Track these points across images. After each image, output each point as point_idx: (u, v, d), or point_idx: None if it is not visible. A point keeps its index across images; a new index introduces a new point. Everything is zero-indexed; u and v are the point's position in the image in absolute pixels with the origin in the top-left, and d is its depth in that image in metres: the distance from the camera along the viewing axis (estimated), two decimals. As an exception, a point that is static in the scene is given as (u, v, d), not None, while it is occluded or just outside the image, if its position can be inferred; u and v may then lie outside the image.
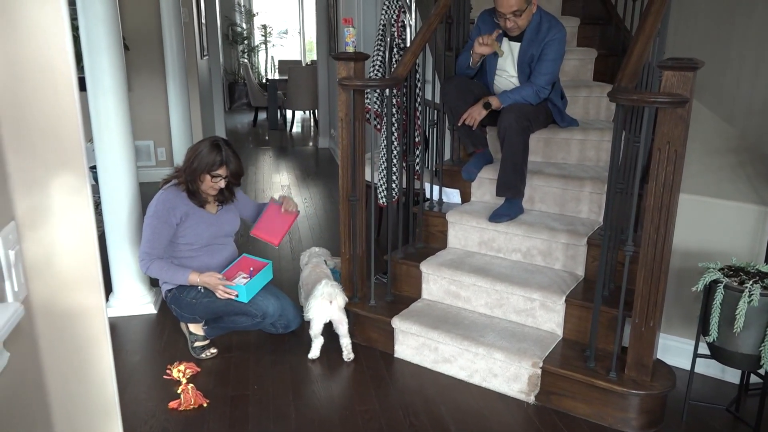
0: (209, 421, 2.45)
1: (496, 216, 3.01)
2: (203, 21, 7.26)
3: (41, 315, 1.17)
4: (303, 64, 11.24)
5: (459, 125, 3.09)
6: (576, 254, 2.86)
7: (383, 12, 3.62)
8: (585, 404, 2.47)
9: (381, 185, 3.64)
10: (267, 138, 8.95)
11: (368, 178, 3.10)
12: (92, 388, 1.28)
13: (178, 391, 2.56)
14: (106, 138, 3.08)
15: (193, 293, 2.81)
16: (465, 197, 3.36)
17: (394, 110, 3.15)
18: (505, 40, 3.09)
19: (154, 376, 2.75)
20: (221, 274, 2.77)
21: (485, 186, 3.28)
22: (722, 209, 2.61)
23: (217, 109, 7.85)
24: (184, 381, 2.62)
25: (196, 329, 2.94)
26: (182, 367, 2.69)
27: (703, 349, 2.42)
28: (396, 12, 3.58)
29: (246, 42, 12.06)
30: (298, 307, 3.02)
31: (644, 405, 2.38)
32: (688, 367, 2.51)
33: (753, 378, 2.58)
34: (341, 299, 2.82)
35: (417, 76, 3.20)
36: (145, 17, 5.58)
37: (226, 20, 11.03)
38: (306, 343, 2.92)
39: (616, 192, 2.39)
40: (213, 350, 2.93)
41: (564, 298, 2.67)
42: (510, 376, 2.61)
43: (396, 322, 2.88)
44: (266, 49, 12.31)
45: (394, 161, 3.21)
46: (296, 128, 9.85)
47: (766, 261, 2.45)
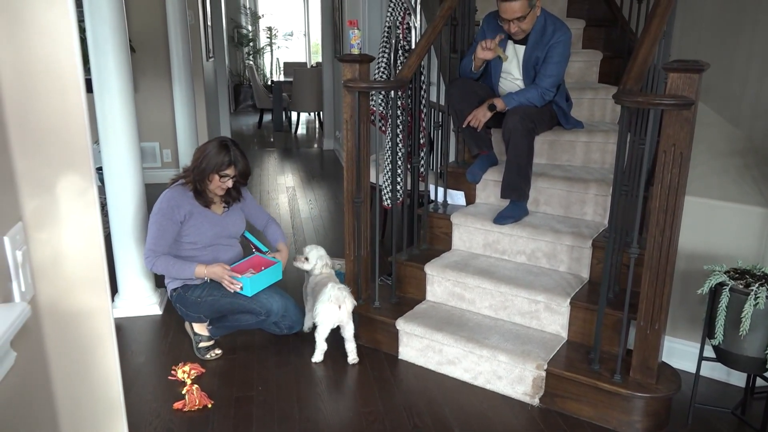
0: (213, 422, 2.45)
1: (501, 218, 3.00)
2: (209, 23, 7.28)
3: (48, 315, 1.17)
4: (308, 66, 11.27)
5: (464, 127, 3.09)
6: (581, 256, 2.85)
7: (388, 14, 3.62)
8: (589, 407, 2.46)
9: (386, 187, 3.64)
10: (272, 140, 8.96)
11: (373, 180, 3.10)
12: (97, 388, 1.28)
13: (183, 392, 2.57)
14: (112, 139, 3.10)
15: (198, 292, 2.82)
16: (470, 199, 3.36)
17: (399, 112, 3.15)
18: (510, 43, 3.09)
19: (159, 377, 2.76)
20: (229, 267, 2.78)
21: (490, 188, 3.28)
22: (728, 212, 2.60)
23: (223, 111, 7.87)
24: (189, 382, 2.62)
25: (201, 329, 2.95)
26: (187, 368, 2.69)
27: (709, 352, 2.41)
28: (401, 14, 3.58)
29: (251, 44, 12.09)
30: (302, 310, 3.02)
31: (649, 408, 2.37)
32: (694, 370, 2.50)
33: (759, 381, 2.57)
34: (350, 303, 2.80)
35: (422, 78, 3.20)
36: (151, 19, 5.61)
37: (232, 22, 11.06)
38: (310, 344, 2.92)
39: (621, 194, 2.39)
40: (218, 351, 2.93)
41: (569, 301, 2.67)
42: (514, 378, 2.61)
43: (400, 324, 2.88)
44: (271, 51, 12.34)
45: (399, 163, 3.21)
46: (301, 130, 9.87)
47: (772, 264, 2.45)
